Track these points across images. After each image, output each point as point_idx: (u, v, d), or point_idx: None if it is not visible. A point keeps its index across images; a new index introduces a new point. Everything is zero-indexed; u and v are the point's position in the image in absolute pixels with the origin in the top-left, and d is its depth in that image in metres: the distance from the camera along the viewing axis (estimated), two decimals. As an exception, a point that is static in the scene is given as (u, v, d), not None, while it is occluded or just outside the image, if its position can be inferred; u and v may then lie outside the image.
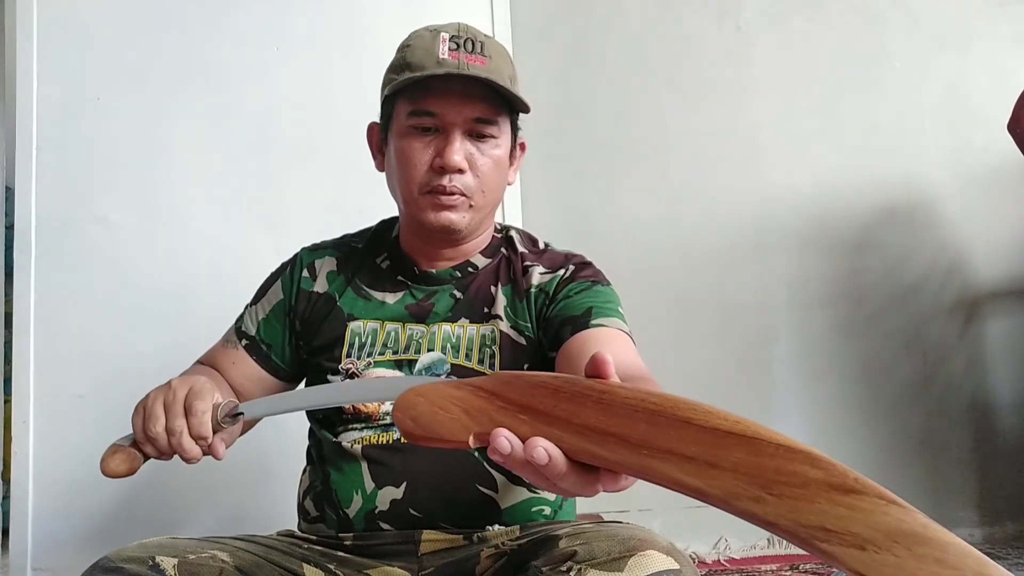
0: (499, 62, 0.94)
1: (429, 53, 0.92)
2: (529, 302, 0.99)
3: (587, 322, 0.92)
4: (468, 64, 0.91)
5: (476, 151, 0.95)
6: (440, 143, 0.93)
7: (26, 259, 1.69)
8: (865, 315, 2.05)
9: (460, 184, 0.94)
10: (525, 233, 1.10)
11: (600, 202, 2.03)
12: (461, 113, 0.93)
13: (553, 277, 1.00)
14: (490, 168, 0.96)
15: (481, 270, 1.03)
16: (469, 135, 0.94)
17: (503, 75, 0.94)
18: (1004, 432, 2.04)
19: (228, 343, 1.07)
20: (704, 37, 2.10)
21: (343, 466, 0.95)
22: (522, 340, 0.98)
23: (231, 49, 1.78)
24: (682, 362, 1.97)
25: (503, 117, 0.96)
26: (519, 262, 1.03)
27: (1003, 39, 2.14)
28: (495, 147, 0.96)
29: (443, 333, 0.98)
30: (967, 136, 2.11)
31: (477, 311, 1.00)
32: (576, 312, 0.94)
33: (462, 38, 0.93)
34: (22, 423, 1.66)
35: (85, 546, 1.57)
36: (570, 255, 1.05)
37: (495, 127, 0.95)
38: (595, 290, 0.98)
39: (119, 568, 0.74)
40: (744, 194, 2.06)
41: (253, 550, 0.85)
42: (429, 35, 0.95)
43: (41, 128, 1.72)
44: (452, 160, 0.92)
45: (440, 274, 1.02)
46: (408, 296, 1.01)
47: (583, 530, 0.77)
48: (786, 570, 1.74)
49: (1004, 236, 2.08)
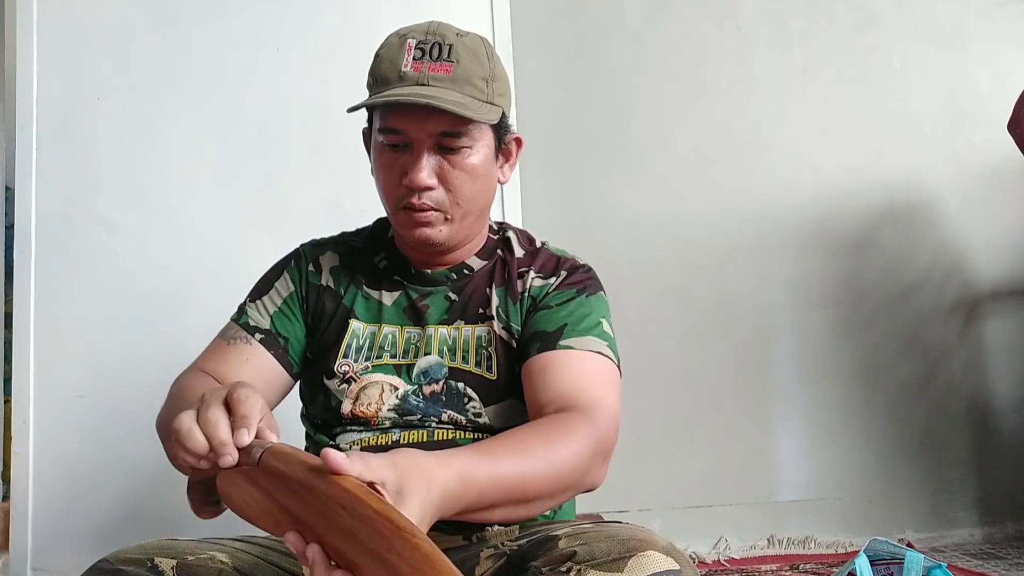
0: (468, 66, 0.91)
1: (393, 65, 0.91)
2: (522, 305, 0.99)
3: (555, 342, 0.92)
4: (430, 75, 0.89)
5: (447, 165, 0.92)
6: (407, 160, 0.92)
7: (26, 259, 1.69)
8: (865, 315, 2.05)
9: (431, 200, 0.92)
10: (523, 233, 1.09)
11: (600, 201, 2.03)
12: (424, 129, 0.90)
13: (544, 284, 0.99)
14: (463, 180, 0.93)
15: (476, 272, 1.02)
16: (438, 149, 0.92)
17: (471, 79, 0.91)
18: (1004, 432, 2.04)
19: (235, 340, 1.00)
20: (704, 37, 2.10)
21: None
22: (512, 343, 0.97)
23: (231, 49, 1.77)
24: (682, 362, 1.97)
25: (474, 124, 0.92)
26: (515, 265, 1.02)
27: (1003, 39, 2.15)
28: (468, 156, 0.93)
29: (440, 336, 0.98)
30: (967, 136, 2.11)
31: (472, 313, 0.99)
32: (548, 328, 0.94)
33: (429, 43, 0.91)
34: (22, 423, 1.65)
35: (85, 546, 1.57)
36: (563, 259, 1.03)
37: (465, 137, 0.92)
38: (577, 302, 0.97)
39: (118, 570, 0.74)
40: (744, 194, 2.06)
41: (252, 551, 0.85)
42: (397, 42, 0.93)
43: (41, 128, 1.72)
44: (416, 179, 0.90)
45: (436, 275, 1.01)
46: (404, 296, 1.01)
47: (583, 530, 0.76)
48: (786, 570, 1.74)
49: (1004, 236, 2.09)
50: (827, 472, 2.00)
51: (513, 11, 1.90)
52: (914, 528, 1.99)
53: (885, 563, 1.25)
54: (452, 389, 0.95)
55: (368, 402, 0.95)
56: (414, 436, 0.94)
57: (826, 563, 1.77)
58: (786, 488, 2.00)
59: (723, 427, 1.98)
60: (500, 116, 0.95)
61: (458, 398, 0.95)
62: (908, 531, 1.98)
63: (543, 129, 1.97)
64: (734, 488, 1.97)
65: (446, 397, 0.95)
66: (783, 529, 1.95)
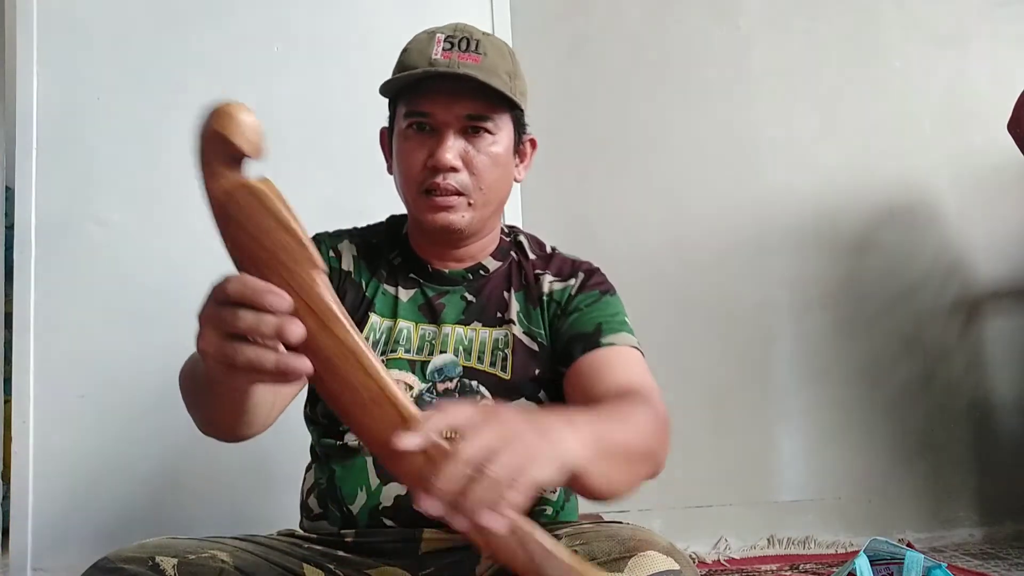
0: (495, 59, 0.95)
1: (423, 55, 0.94)
2: (543, 309, 1.01)
3: (597, 341, 0.94)
4: (459, 63, 0.92)
5: (472, 148, 0.95)
6: (434, 143, 0.94)
7: (26, 259, 1.69)
8: (865, 315, 2.05)
9: (455, 182, 0.94)
10: (532, 237, 1.11)
11: (600, 202, 2.03)
12: (452, 111, 0.93)
13: (565, 287, 1.01)
14: (487, 165, 0.95)
15: (492, 273, 1.03)
16: (464, 133, 0.94)
17: (498, 72, 0.94)
18: (1004, 432, 2.04)
19: None
20: (704, 37, 2.10)
21: (349, 463, 0.95)
22: (535, 346, 0.99)
23: (231, 49, 1.77)
24: (682, 362, 1.97)
25: (499, 113, 0.96)
26: (530, 268, 1.04)
27: (1003, 39, 2.15)
28: (492, 144, 0.96)
29: (456, 336, 0.98)
30: (967, 136, 2.11)
31: (490, 315, 1.00)
32: (587, 329, 0.96)
33: (457, 37, 0.94)
34: (22, 423, 1.65)
35: (85, 546, 1.56)
36: (577, 262, 1.06)
37: (490, 123, 0.95)
38: (604, 302, 1.00)
39: (119, 568, 0.74)
40: (744, 194, 2.06)
41: (253, 550, 0.85)
42: (426, 37, 0.96)
43: (41, 128, 1.72)
44: (443, 158, 0.92)
45: (452, 275, 1.02)
46: (420, 294, 1.01)
47: (583, 530, 0.77)
48: (786, 570, 1.74)
49: (1004, 236, 2.09)
50: (827, 472, 2.00)
51: (513, 11, 1.90)
52: (914, 528, 1.99)
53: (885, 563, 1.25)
54: (466, 387, 0.96)
55: None
56: None
57: (826, 563, 1.77)
58: (786, 488, 2.00)
59: (723, 427, 1.98)
60: (522, 111, 0.98)
61: (471, 396, 0.96)
62: (908, 531, 1.98)
63: (542, 129, 1.94)
64: (734, 488, 1.97)
65: (459, 395, 0.95)
66: (783, 529, 1.95)
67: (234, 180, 0.59)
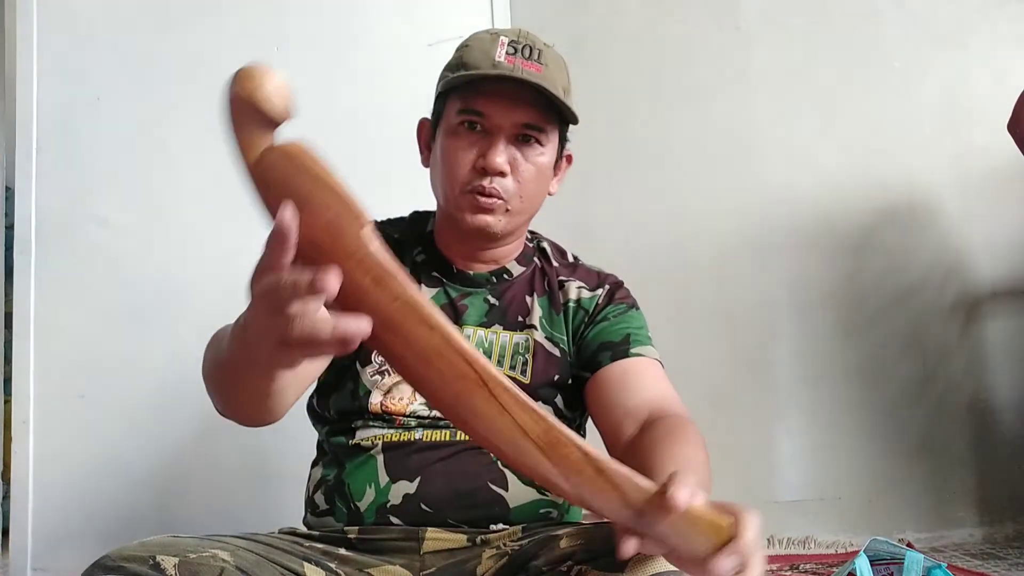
0: (555, 72, 0.95)
1: (486, 55, 0.94)
2: (567, 316, 1.01)
3: (626, 350, 0.96)
4: (523, 70, 0.92)
5: (520, 156, 0.95)
6: (485, 144, 0.94)
7: (26, 259, 1.69)
8: (865, 315, 2.05)
9: (500, 187, 0.94)
10: (554, 244, 1.12)
11: (599, 202, 2.03)
12: (509, 117, 0.94)
13: (592, 296, 1.03)
14: (532, 175, 0.96)
15: (516, 278, 1.04)
16: (515, 140, 0.95)
17: (556, 85, 0.94)
18: (1004, 432, 2.04)
19: None
20: (704, 37, 2.10)
21: (358, 460, 0.95)
22: (556, 351, 0.99)
23: (231, 49, 1.77)
24: (682, 362, 1.95)
25: (551, 126, 0.97)
26: (553, 275, 1.05)
27: (1002, 39, 2.15)
28: (540, 154, 0.97)
29: (476, 338, 0.99)
30: (967, 136, 2.11)
31: (512, 319, 1.01)
32: (615, 338, 0.98)
33: (521, 44, 0.94)
34: (22, 423, 1.65)
35: (85, 546, 1.55)
36: (602, 274, 1.07)
37: (542, 134, 0.96)
38: (630, 315, 1.02)
39: (120, 567, 0.74)
40: (744, 194, 2.06)
41: (254, 549, 0.85)
42: (489, 38, 0.96)
43: (41, 128, 1.72)
44: (494, 162, 0.93)
45: (476, 277, 1.03)
46: (442, 294, 1.01)
47: (583, 530, 0.77)
48: (786, 570, 1.74)
49: (1004, 236, 2.08)
50: (827, 472, 2.00)
51: (513, 11, 1.90)
52: (914, 528, 1.99)
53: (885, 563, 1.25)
54: None
55: (400, 397, 0.96)
56: (438, 435, 0.94)
57: (826, 563, 1.77)
58: (786, 488, 2.00)
59: (723, 427, 1.98)
60: (576, 123, 0.99)
61: None
62: (908, 531, 1.98)
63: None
64: (734, 488, 1.97)
65: None
66: (783, 529, 1.94)
67: (267, 146, 0.57)
